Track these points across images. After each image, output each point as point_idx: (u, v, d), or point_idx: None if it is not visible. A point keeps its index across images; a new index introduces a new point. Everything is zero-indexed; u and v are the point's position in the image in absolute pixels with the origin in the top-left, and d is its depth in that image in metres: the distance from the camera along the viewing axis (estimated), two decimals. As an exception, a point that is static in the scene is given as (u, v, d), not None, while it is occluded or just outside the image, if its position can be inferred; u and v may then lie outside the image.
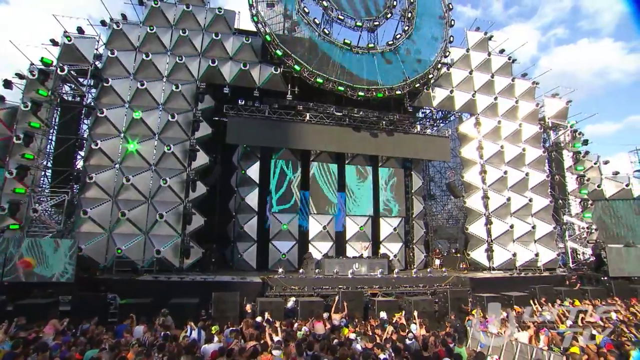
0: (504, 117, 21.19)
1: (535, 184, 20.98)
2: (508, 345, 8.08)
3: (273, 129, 16.84)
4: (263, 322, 8.27)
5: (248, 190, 16.80)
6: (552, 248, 20.67)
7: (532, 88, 22.06)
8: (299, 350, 6.32)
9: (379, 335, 7.45)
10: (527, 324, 9.16)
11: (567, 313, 10.21)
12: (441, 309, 13.00)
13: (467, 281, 15.84)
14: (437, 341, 7.25)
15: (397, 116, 19.12)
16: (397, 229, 19.55)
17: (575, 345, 6.91)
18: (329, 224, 17.86)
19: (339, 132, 17.97)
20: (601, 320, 9.53)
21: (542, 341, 8.00)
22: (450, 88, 20.36)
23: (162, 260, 13.64)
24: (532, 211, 20.61)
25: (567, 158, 22.25)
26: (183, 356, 6.05)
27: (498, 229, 19.82)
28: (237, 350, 6.39)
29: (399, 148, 19.30)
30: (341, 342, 6.87)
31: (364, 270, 15.77)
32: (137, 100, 15.04)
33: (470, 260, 19.91)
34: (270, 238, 16.76)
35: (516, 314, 10.88)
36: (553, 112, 22.47)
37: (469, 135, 21.07)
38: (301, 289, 13.17)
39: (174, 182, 14.53)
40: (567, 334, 7.80)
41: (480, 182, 20.44)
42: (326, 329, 7.98)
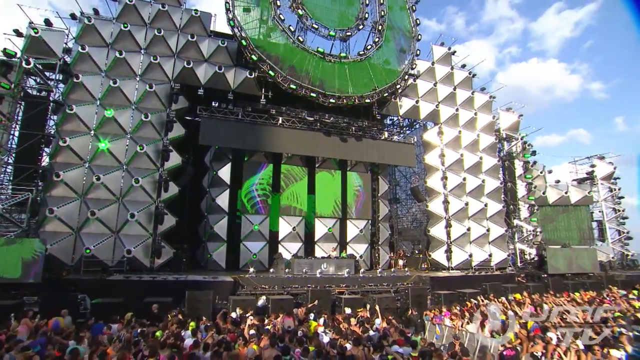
0: (464, 128, 22.81)
1: (491, 190, 22.77)
2: (459, 334, 9.12)
3: (246, 131, 17.19)
4: (238, 318, 8.76)
5: (219, 191, 17.04)
6: (503, 249, 22.54)
7: (490, 102, 23.95)
8: (271, 342, 6.92)
9: (345, 328, 8.20)
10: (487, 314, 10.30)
11: (509, 305, 11.54)
12: (403, 305, 14.02)
13: (427, 280, 17.04)
14: (396, 332, 8.11)
15: (366, 123, 20.11)
16: (364, 231, 20.52)
17: (511, 332, 8.03)
18: (298, 225, 18.48)
19: (310, 136, 18.60)
20: (535, 310, 10.92)
21: (487, 330, 9.10)
22: (416, 98, 21.66)
23: (133, 260, 13.63)
24: (487, 215, 22.36)
25: (518, 167, 24.32)
26: (163, 350, 6.46)
27: (457, 231, 21.30)
28: (212, 343, 6.89)
29: (367, 153, 20.21)
30: (309, 335, 7.55)
31: (331, 270, 16.46)
32: (109, 98, 14.87)
33: (431, 260, 21.24)
34: (241, 239, 17.10)
35: (468, 309, 12.08)
36: (507, 125, 24.51)
37: (432, 143, 22.45)
38: (272, 288, 13.70)
39: (146, 181, 14.53)
40: (507, 322, 8.98)
41: (442, 188, 21.84)
42: (295, 324, 8.62)
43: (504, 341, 7.39)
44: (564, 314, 10.21)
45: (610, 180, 26.31)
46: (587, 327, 8.43)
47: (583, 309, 11.42)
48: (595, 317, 10.05)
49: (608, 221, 25.81)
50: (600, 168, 26.29)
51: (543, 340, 7.29)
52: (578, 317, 10.09)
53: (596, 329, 8.19)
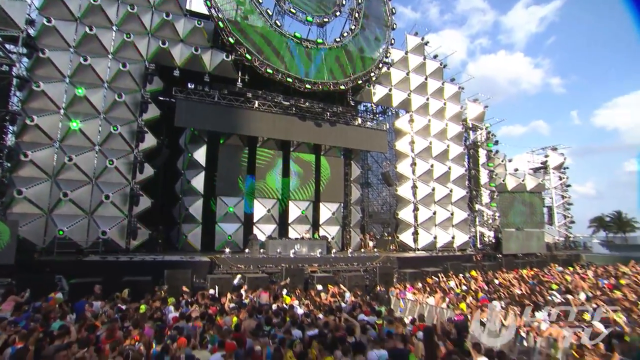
0: (433, 116, 23.90)
1: (456, 177, 24.22)
2: (421, 307, 10.21)
3: (222, 114, 17.25)
4: (216, 295, 9.31)
5: (194, 173, 17.14)
6: (465, 232, 24.24)
7: (458, 92, 25.14)
8: (250, 314, 7.57)
9: (318, 302, 8.99)
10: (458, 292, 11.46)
11: (465, 281, 12.83)
12: (371, 283, 15.09)
13: (394, 260, 18.24)
14: (364, 304, 8.99)
15: (340, 108, 20.64)
16: (336, 214, 21.38)
17: (463, 302, 9.14)
18: (273, 208, 19.01)
19: (286, 120, 18.91)
20: (486, 285, 12.26)
21: (445, 302, 10.22)
22: (389, 86, 22.39)
23: (108, 241, 13.67)
24: (452, 200, 23.85)
25: (482, 155, 25.91)
26: (147, 322, 6.93)
27: (423, 215, 22.63)
28: (195, 316, 7.44)
29: (341, 138, 20.83)
30: (285, 307, 8.26)
31: (304, 250, 17.23)
32: (79, 76, 14.39)
33: (399, 242, 22.54)
34: (216, 220, 17.42)
35: (431, 284, 13.29)
36: (473, 115, 25.86)
37: (403, 131, 23.40)
38: (247, 268, 14.27)
39: (121, 163, 14.42)
40: (462, 295, 10.14)
41: (411, 173, 22.96)
42: (270, 298, 9.31)
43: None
44: (510, 288, 11.57)
45: (560, 169, 28.66)
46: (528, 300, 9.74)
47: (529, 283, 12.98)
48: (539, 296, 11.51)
49: (556, 207, 28.31)
50: (552, 158, 28.54)
51: (488, 308, 8.43)
52: (522, 290, 11.48)
53: (534, 298, 9.48)
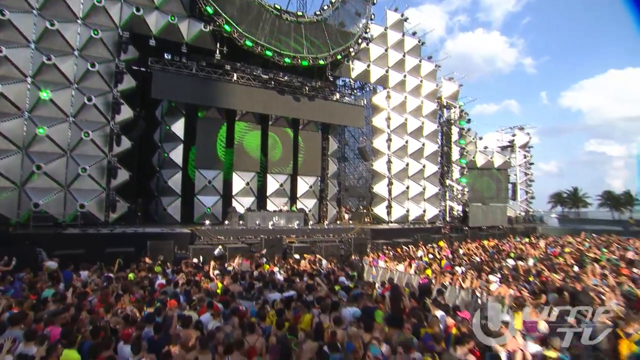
0: (409, 93, 24.46)
1: (429, 153, 25.24)
2: (391, 273, 11.15)
3: (200, 86, 17.03)
4: (200, 264, 9.81)
5: (172, 146, 17.07)
6: (436, 206, 25.63)
7: (435, 70, 25.70)
8: (233, 279, 8.15)
9: (296, 268, 9.69)
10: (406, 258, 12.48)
11: (432, 250, 13.97)
12: (346, 253, 16.03)
13: (368, 231, 19.25)
14: (339, 270, 9.78)
15: (319, 83, 20.74)
16: (313, 187, 21.99)
17: (428, 269, 10.12)
18: (251, 181, 19.34)
19: (264, 94, 18.89)
20: (451, 253, 13.44)
21: (413, 269, 11.20)
22: (368, 62, 22.59)
23: (87, 214, 13.63)
24: (425, 175, 24.96)
25: (454, 133, 26.99)
26: (134, 286, 7.38)
27: (397, 189, 23.66)
28: (181, 282, 7.94)
29: (319, 113, 21.09)
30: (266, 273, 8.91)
31: (282, 222, 17.84)
32: (46, 42, 13.68)
33: (374, 215, 23.60)
34: (195, 193, 17.59)
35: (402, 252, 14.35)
36: (448, 93, 26.65)
37: (380, 107, 23.88)
38: (227, 239, 14.77)
39: (97, 135, 14.15)
40: (428, 262, 11.16)
41: (386, 149, 23.71)
42: (252, 266, 9.93)
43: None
44: (471, 256, 12.76)
45: (525, 148, 30.37)
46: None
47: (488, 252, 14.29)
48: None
49: (520, 183, 30.23)
50: (519, 137, 30.12)
51: (451, 274, 9.43)
52: (481, 258, 12.71)
53: (490, 265, 10.61)
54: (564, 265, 10.55)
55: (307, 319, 5.86)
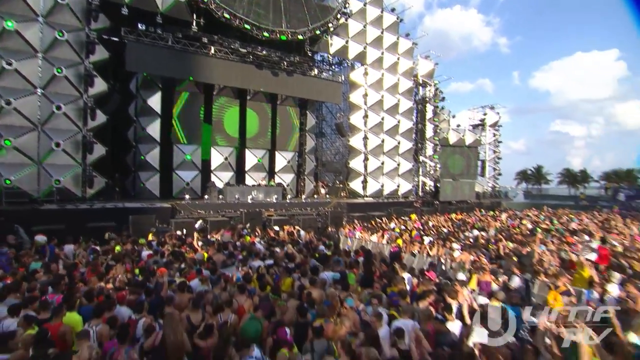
0: (386, 71, 24.83)
1: (404, 130, 26.03)
2: (365, 243, 11.97)
3: (177, 59, 16.65)
4: (183, 236, 10.20)
5: (149, 120, 16.79)
6: (409, 181, 26.75)
7: (412, 48, 26.06)
8: (217, 249, 8.64)
9: (277, 238, 10.28)
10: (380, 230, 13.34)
11: (405, 223, 14.94)
12: (323, 225, 16.77)
13: (344, 205, 20.07)
14: (318, 240, 10.47)
15: (297, 58, 20.68)
16: (291, 162, 22.37)
17: (399, 239, 10.99)
18: (230, 156, 19.47)
19: (242, 68, 18.71)
20: (421, 225, 14.46)
21: (385, 239, 12.07)
22: (346, 38, 22.63)
23: (63, 190, 13.43)
24: (399, 152, 25.85)
25: (429, 111, 27.83)
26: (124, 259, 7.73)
27: (372, 165, 24.47)
28: (167, 253, 8.36)
29: (297, 88, 21.12)
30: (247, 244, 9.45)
31: (261, 196, 18.26)
32: (5, 6, 12.87)
33: (350, 189, 24.42)
34: (174, 168, 17.57)
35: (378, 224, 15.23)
36: (424, 71, 27.22)
37: (358, 83, 24.17)
38: (207, 213, 15.10)
39: (70, 109, 13.72)
40: (400, 233, 12.05)
41: (363, 125, 24.26)
42: (234, 237, 10.44)
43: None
44: (439, 228, 13.81)
45: (495, 127, 31.78)
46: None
47: (455, 224, 15.42)
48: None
49: (489, 161, 31.84)
50: (489, 116, 31.41)
51: (420, 243, 10.34)
52: (448, 230, 13.77)
53: (455, 235, 11.63)
54: (519, 235, 11.71)
55: (288, 282, 6.49)
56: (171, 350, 3.91)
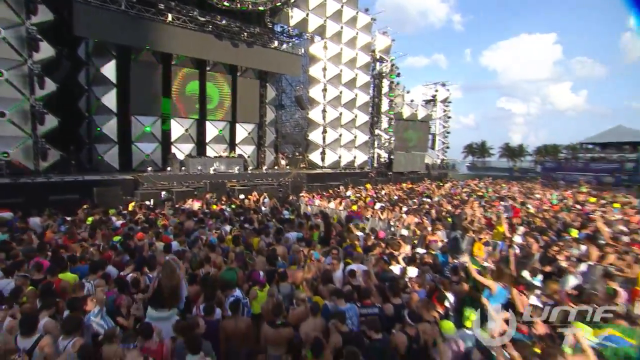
0: (345, 45, 25.40)
1: (361, 103, 27.13)
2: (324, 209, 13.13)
3: (131, 26, 15.95)
4: (151, 206, 10.64)
5: (104, 90, 16.15)
6: (365, 153, 28.24)
7: (370, 23, 26.70)
8: (188, 216, 9.31)
9: (242, 206, 11.09)
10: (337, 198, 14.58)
11: (360, 191, 16.33)
12: (284, 194, 17.71)
13: (304, 176, 21.07)
14: (279, 207, 11.43)
15: (258, 29, 20.58)
16: (251, 134, 22.71)
17: (355, 205, 12.29)
18: (190, 127, 19.41)
19: (202, 38, 18.33)
20: (375, 193, 15.95)
21: (342, 206, 13.30)
22: (307, 11, 22.70)
23: (12, 163, 12.92)
24: (356, 124, 27.05)
25: (385, 85, 29.06)
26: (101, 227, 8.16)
27: (331, 137, 25.49)
28: (141, 220, 8.87)
29: (257, 60, 21.10)
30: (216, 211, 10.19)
31: (223, 168, 18.63)
32: None
33: (309, 160, 25.39)
34: (133, 140, 17.27)
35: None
36: (381, 47, 28.12)
37: (317, 57, 24.58)
38: (171, 184, 15.33)
39: (13, 75, 12.95)
40: (355, 200, 13.35)
41: (322, 98, 24.98)
42: (204, 205, 11.08)
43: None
44: (390, 195, 15.36)
45: (445, 103, 33.98)
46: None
47: (405, 192, 17.11)
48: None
49: (438, 135, 34.23)
50: (441, 93, 33.45)
51: (372, 208, 11.69)
52: (398, 196, 15.37)
53: (404, 201, 13.15)
54: (457, 201, 13.53)
55: (255, 241, 7.44)
56: (168, 293, 4.73)
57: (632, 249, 7.37)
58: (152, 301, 4.61)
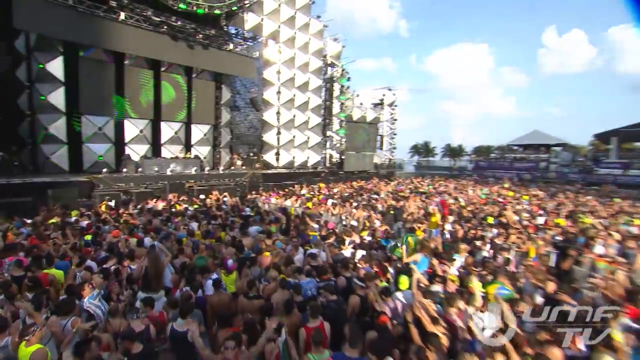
0: (299, 50, 26.49)
1: (314, 106, 28.41)
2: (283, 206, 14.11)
3: (80, 21, 15.42)
4: (114, 207, 10.90)
5: (50, 88, 15.51)
6: (318, 153, 29.57)
7: (322, 29, 28.06)
8: (154, 215, 9.82)
9: (204, 205, 11.73)
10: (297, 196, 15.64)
11: (314, 190, 17.56)
12: (242, 194, 18.36)
13: (260, 176, 21.85)
14: (239, 205, 12.24)
15: (213, 32, 20.89)
16: (207, 135, 22.93)
17: (309, 202, 13.46)
18: (145, 128, 19.24)
19: (156, 38, 18.22)
20: (328, 191, 17.29)
21: (298, 203, 14.39)
22: (262, 16, 23.42)
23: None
24: (309, 126, 28.27)
25: (336, 89, 30.63)
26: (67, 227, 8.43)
27: (285, 138, 26.46)
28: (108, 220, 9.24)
29: (213, 62, 21.35)
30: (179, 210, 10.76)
31: (179, 169, 18.78)
32: None
33: (264, 161, 26.10)
34: (84, 140, 16.79)
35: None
36: (332, 52, 29.63)
37: (271, 60, 25.34)
38: (128, 185, 15.31)
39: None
40: (309, 197, 14.51)
41: (276, 101, 25.83)
42: (166, 205, 11.54)
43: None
44: (342, 192, 16.78)
45: (392, 106, 36.50)
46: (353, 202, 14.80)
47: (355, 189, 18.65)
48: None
49: (386, 136, 36.67)
50: (387, 96, 35.87)
51: (325, 205, 12.93)
52: (349, 194, 16.83)
53: (354, 197, 14.58)
54: (402, 197, 15.29)
55: (223, 235, 8.27)
56: (152, 279, 5.48)
57: (528, 231, 9.39)
58: (142, 285, 5.35)
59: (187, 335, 4.04)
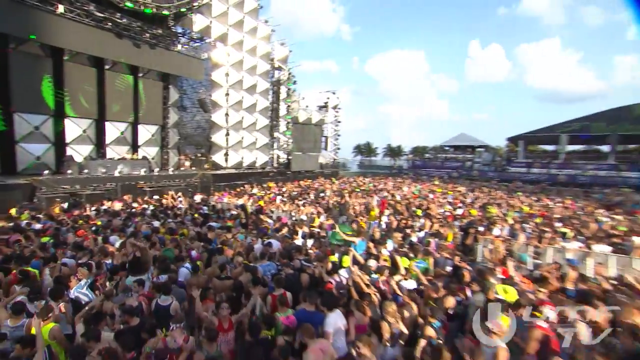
0: (247, 53, 27.15)
1: (261, 108, 29.24)
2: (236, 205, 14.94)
3: (12, 12, 14.56)
4: (67, 208, 10.97)
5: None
6: (266, 154, 30.47)
7: (270, 34, 28.97)
8: (113, 216, 10.24)
9: (161, 205, 12.24)
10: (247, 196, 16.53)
11: (264, 189, 18.59)
12: (194, 194, 18.69)
13: (210, 176, 22.22)
14: (194, 206, 12.93)
15: (160, 31, 20.75)
16: (155, 135, 22.69)
17: (261, 200, 14.53)
18: (88, 128, 18.64)
19: (99, 34, 17.63)
20: (278, 190, 18.45)
21: (250, 202, 15.33)
22: (210, 18, 23.70)
23: None
24: (257, 127, 29.05)
25: (283, 92, 31.76)
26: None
27: (233, 139, 26.97)
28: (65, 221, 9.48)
29: (160, 62, 21.14)
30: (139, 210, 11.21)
31: (127, 170, 18.51)
32: None
33: (212, 162, 26.38)
34: (17, 140, 15.89)
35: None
36: (280, 56, 30.70)
37: (220, 63, 25.71)
38: (73, 187, 14.90)
39: None
40: (261, 196, 15.56)
41: (225, 102, 26.25)
42: (123, 206, 11.84)
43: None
44: (290, 191, 18.05)
45: (335, 109, 38.60)
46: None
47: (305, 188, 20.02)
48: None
49: (331, 137, 38.65)
50: (331, 100, 37.88)
51: (276, 203, 14.10)
52: (297, 192, 18.16)
53: (302, 195, 15.93)
54: (344, 192, 16.99)
55: (186, 231, 9.08)
56: (143, 264, 6.26)
57: (447, 220, 11.50)
58: (131, 269, 6.17)
59: (170, 308, 5.01)
